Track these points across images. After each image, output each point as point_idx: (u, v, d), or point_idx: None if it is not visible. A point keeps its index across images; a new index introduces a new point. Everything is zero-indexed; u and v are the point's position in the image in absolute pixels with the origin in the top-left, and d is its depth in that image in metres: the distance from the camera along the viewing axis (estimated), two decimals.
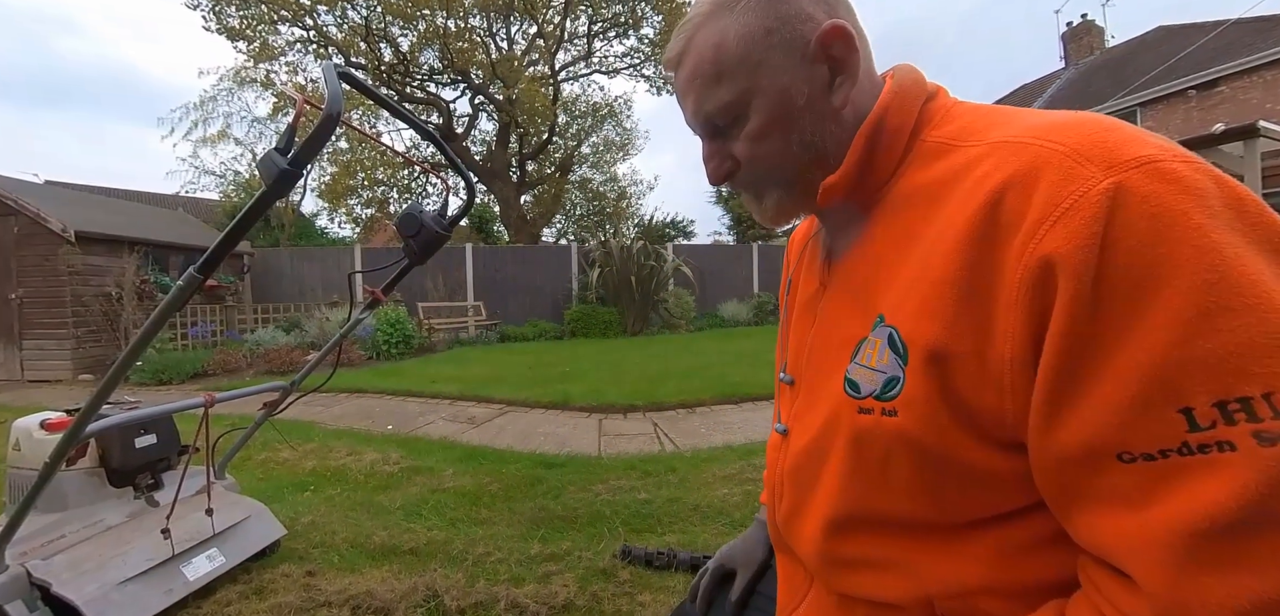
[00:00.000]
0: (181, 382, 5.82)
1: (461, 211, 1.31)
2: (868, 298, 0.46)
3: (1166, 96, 10.31)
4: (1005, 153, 0.38)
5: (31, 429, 1.47)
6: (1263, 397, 0.30)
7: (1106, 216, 0.32)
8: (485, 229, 15.10)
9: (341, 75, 0.84)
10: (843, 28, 0.45)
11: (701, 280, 10.19)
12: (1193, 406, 0.31)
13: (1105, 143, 0.34)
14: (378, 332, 7.07)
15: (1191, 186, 0.32)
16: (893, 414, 0.42)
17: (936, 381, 0.39)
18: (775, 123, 0.47)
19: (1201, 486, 0.31)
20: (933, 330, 0.39)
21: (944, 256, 0.39)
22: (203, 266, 0.88)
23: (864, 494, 0.46)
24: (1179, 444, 0.31)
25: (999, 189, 0.37)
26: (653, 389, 4.48)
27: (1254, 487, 0.29)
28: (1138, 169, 0.32)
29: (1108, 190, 0.32)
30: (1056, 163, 0.35)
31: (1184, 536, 0.31)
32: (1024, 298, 0.35)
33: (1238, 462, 0.30)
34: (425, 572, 1.69)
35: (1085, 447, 0.34)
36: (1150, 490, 0.32)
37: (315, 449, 3.08)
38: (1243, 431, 0.30)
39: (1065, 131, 0.36)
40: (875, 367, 0.44)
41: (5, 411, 4.49)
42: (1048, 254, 0.33)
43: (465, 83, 12.53)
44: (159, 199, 14.00)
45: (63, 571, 1.27)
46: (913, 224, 0.44)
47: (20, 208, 6.48)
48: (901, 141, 0.47)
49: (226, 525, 1.61)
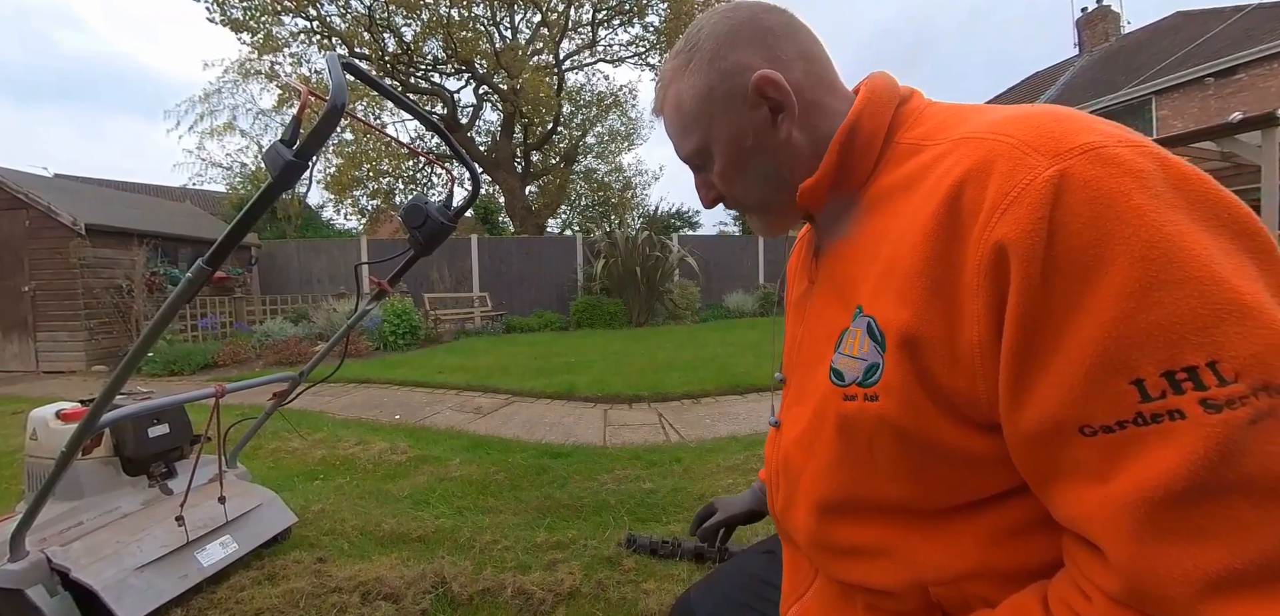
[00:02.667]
0: (192, 373, 5.89)
1: (466, 202, 1.31)
2: (849, 290, 0.49)
3: (1183, 84, 10.06)
4: (964, 149, 0.41)
5: (48, 419, 1.50)
6: (1207, 366, 0.31)
7: (1052, 201, 0.34)
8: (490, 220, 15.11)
9: (346, 66, 0.84)
10: (770, 76, 0.50)
11: (706, 271, 10.17)
12: (1143, 378, 0.32)
13: (1051, 133, 0.36)
14: (384, 324, 7.12)
15: (1132, 169, 0.33)
16: (874, 399, 0.44)
17: (912, 366, 0.41)
18: (734, 162, 0.54)
19: (1156, 455, 0.32)
20: (905, 317, 0.41)
21: (912, 248, 0.41)
22: (211, 258, 0.89)
23: (853, 478, 0.48)
24: (1133, 415, 0.33)
25: (958, 182, 0.39)
26: (658, 379, 4.50)
27: (1202, 454, 0.31)
28: (1081, 155, 0.34)
29: (1052, 177, 0.34)
30: (1007, 154, 0.37)
31: (1143, 505, 0.32)
32: (983, 283, 0.37)
33: (1186, 430, 0.31)
34: (433, 560, 1.71)
35: (1049, 424, 0.36)
36: (1112, 461, 0.34)
37: (324, 438, 3.12)
38: (1190, 399, 0.31)
39: (1017, 125, 0.39)
40: (856, 356, 0.46)
41: (21, 402, 4.57)
42: (1000, 240, 0.36)
43: (469, 73, 12.49)
44: (166, 191, 14.11)
45: (81, 557, 1.30)
46: (887, 219, 0.46)
47: (31, 201, 6.56)
48: (876, 145, 0.50)
49: (239, 513, 1.64)
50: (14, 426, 3.62)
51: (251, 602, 1.48)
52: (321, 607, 1.47)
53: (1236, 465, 0.30)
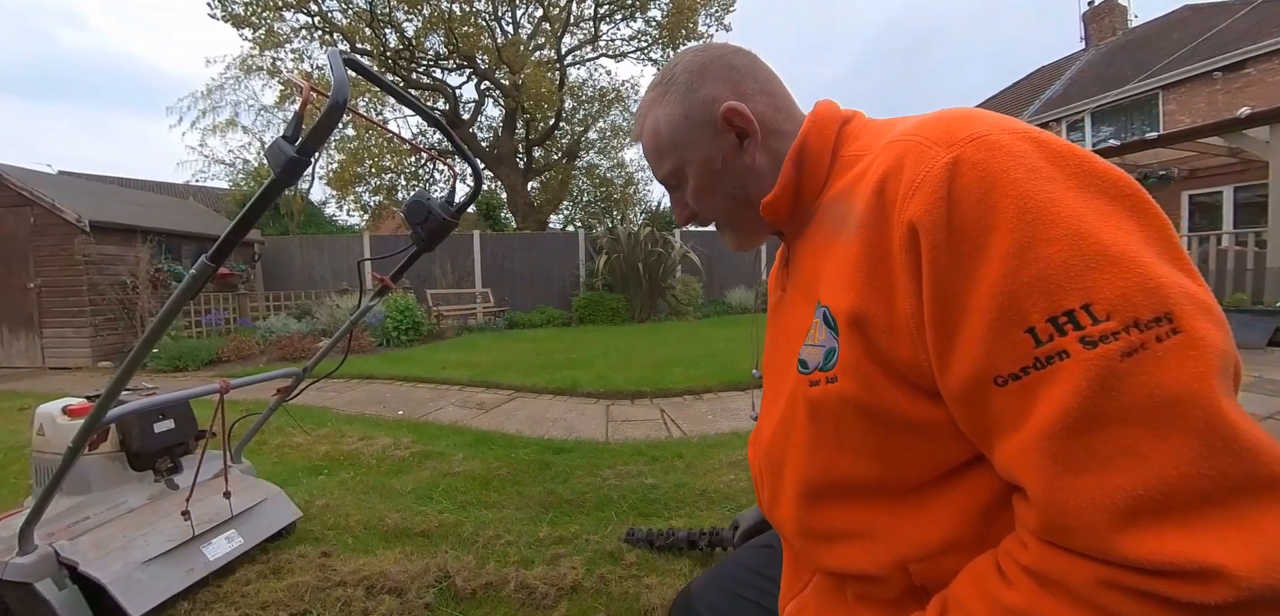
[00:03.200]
0: (197, 369, 5.92)
1: (468, 198, 1.31)
2: (812, 289, 0.54)
3: (1190, 79, 9.94)
4: (887, 151, 0.46)
5: (54, 414, 1.51)
6: (1082, 308, 0.35)
7: (948, 183, 0.40)
8: (492, 216, 15.10)
9: (347, 62, 0.84)
10: (736, 107, 0.57)
11: (709, 267, 10.16)
12: (1034, 325, 0.36)
13: (950, 128, 0.42)
14: (387, 320, 7.14)
15: (1011, 150, 0.39)
16: (834, 380, 0.48)
17: (862, 344, 0.46)
18: (705, 184, 0.61)
19: (1051, 393, 0.36)
20: (850, 300, 0.46)
21: (850, 239, 0.47)
22: (215, 254, 0.90)
23: (827, 462, 0.52)
24: (1032, 360, 0.37)
25: (881, 177, 0.45)
26: (660, 375, 4.50)
27: (1086, 386, 0.34)
28: (969, 143, 0.40)
29: (947, 164, 0.40)
30: (914, 149, 0.43)
31: (1048, 440, 0.36)
32: (903, 259, 0.42)
33: (1071, 367, 0.35)
34: (437, 554, 1.72)
35: (970, 381, 0.40)
36: (1023, 407, 0.37)
37: (328, 434, 3.14)
38: (1072, 339, 0.35)
39: (924, 126, 0.45)
40: (817, 344, 0.51)
41: (28, 397, 4.61)
42: (911, 219, 0.41)
43: (471, 68, 12.47)
44: (169, 188, 14.15)
45: (89, 551, 1.31)
46: (838, 221, 0.51)
47: (35, 198, 6.58)
48: (825, 160, 0.56)
49: (244, 507, 1.65)
50: (21, 422, 3.65)
51: (257, 596, 1.49)
52: (326, 601, 1.48)
53: (1118, 394, 0.34)
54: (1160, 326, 0.34)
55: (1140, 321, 0.34)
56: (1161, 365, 0.33)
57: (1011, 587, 0.40)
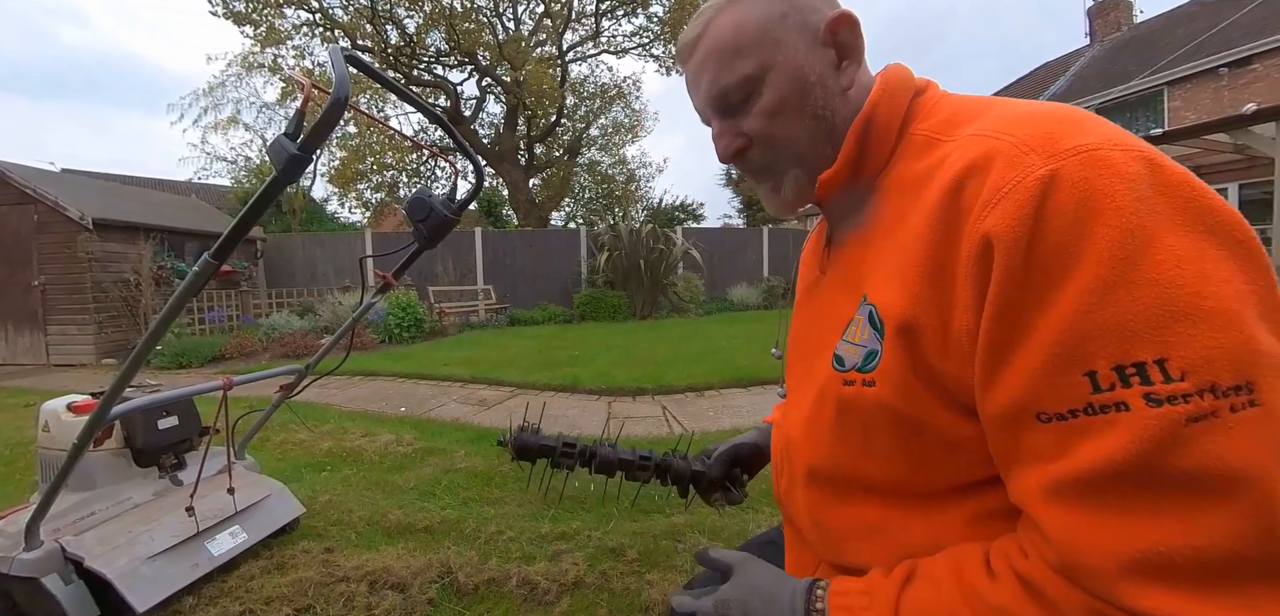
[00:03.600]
0: (200, 366, 5.95)
1: (470, 195, 1.31)
2: (857, 280, 0.51)
3: (1196, 75, 9.87)
4: (970, 145, 0.42)
5: (59, 411, 1.52)
6: (1155, 363, 0.32)
7: (1040, 199, 0.35)
8: (494, 213, 15.11)
9: (348, 59, 0.84)
10: (849, 15, 0.50)
11: (710, 264, 10.15)
12: (1096, 370, 0.34)
13: (1052, 134, 0.38)
14: (389, 317, 7.15)
15: (1122, 172, 0.34)
16: (872, 384, 0.46)
17: (908, 353, 0.43)
18: (789, 97, 0.51)
19: (1099, 443, 0.34)
20: (903, 305, 0.43)
21: (915, 238, 0.43)
22: (217, 252, 0.90)
23: (847, 457, 0.50)
24: (1084, 404, 0.34)
25: (960, 176, 0.40)
26: (661, 372, 4.50)
27: (1140, 444, 0.32)
28: (1073, 157, 0.36)
29: (1043, 177, 0.36)
30: (1006, 152, 0.38)
31: (1079, 483, 0.35)
32: (971, 272, 0.38)
33: (1129, 421, 0.33)
34: (439, 550, 1.73)
35: (1012, 408, 0.38)
36: (1060, 446, 0.36)
37: (331, 430, 3.15)
38: (1135, 393, 0.33)
39: (1021, 124, 0.40)
40: (858, 343, 0.48)
41: (33, 394, 4.63)
42: (987, 232, 0.37)
43: (472, 65, 12.45)
44: (171, 186, 14.19)
45: (94, 546, 1.32)
46: (899, 211, 0.47)
47: (39, 196, 6.60)
48: (891, 135, 0.50)
49: (247, 503, 1.66)
50: (26, 418, 3.67)
51: (261, 591, 1.50)
52: (329, 596, 1.49)
53: (1173, 457, 0.32)
54: (1238, 396, 0.31)
55: (1218, 388, 0.31)
56: (1229, 437, 0.31)
57: (997, 585, 0.39)
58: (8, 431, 3.45)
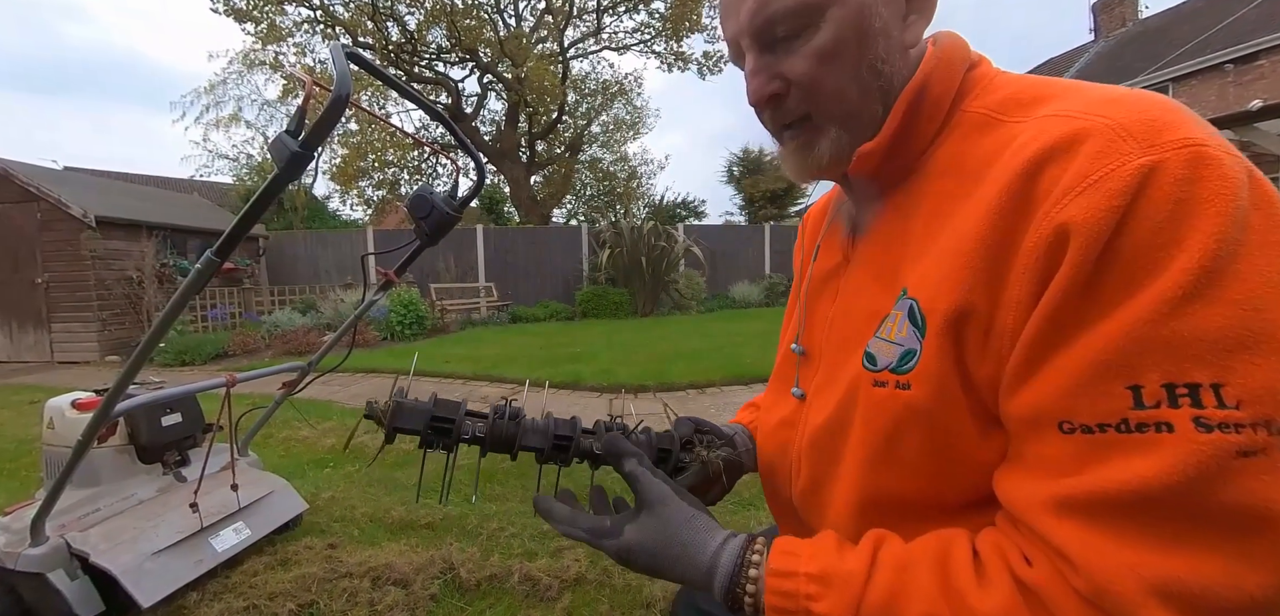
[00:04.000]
0: (203, 363, 5.97)
1: (472, 192, 1.31)
2: (894, 272, 0.45)
3: (1201, 71, 9.80)
4: (1051, 126, 0.36)
5: (64, 408, 1.52)
6: (1211, 386, 0.30)
7: (1134, 192, 0.31)
8: (495, 210, 15.11)
9: (350, 56, 0.84)
10: None
11: (712, 261, 10.14)
12: (1142, 384, 0.31)
13: (1154, 122, 0.33)
14: (391, 314, 7.17)
15: (1228, 176, 0.31)
16: (906, 387, 0.42)
17: (951, 354, 0.39)
18: (848, 41, 0.42)
19: (1133, 462, 0.31)
20: (950, 301, 0.38)
21: (972, 226, 0.38)
22: (220, 249, 0.90)
23: (886, 479, 0.45)
24: (1119, 420, 0.31)
25: (1038, 157, 0.35)
26: (663, 369, 4.50)
27: (1181, 470, 0.30)
28: (1178, 150, 0.31)
29: (1141, 167, 0.32)
30: (1101, 134, 0.34)
31: (1100, 503, 0.32)
32: (1033, 265, 0.34)
33: (1172, 444, 0.30)
34: (442, 546, 1.73)
35: (1032, 410, 0.35)
36: (1081, 462, 0.33)
37: (334, 427, 3.16)
38: (1184, 414, 0.30)
39: (1116, 106, 0.35)
40: (894, 341, 0.43)
41: (38, 391, 4.66)
42: (1064, 222, 0.33)
43: (473, 62, 12.43)
44: (173, 183, 14.22)
45: (100, 542, 1.33)
46: (948, 198, 0.42)
47: (42, 194, 6.62)
48: (942, 111, 0.45)
49: (251, 500, 1.67)
50: (31, 415, 3.69)
51: (265, 587, 1.51)
52: (333, 592, 1.50)
53: (1218, 490, 0.29)
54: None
55: (1274, 425, 0.29)
56: (1278, 479, 0.29)
57: (989, 592, 0.36)
58: (13, 428, 3.47)
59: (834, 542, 0.42)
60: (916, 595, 0.37)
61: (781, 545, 0.43)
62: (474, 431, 0.55)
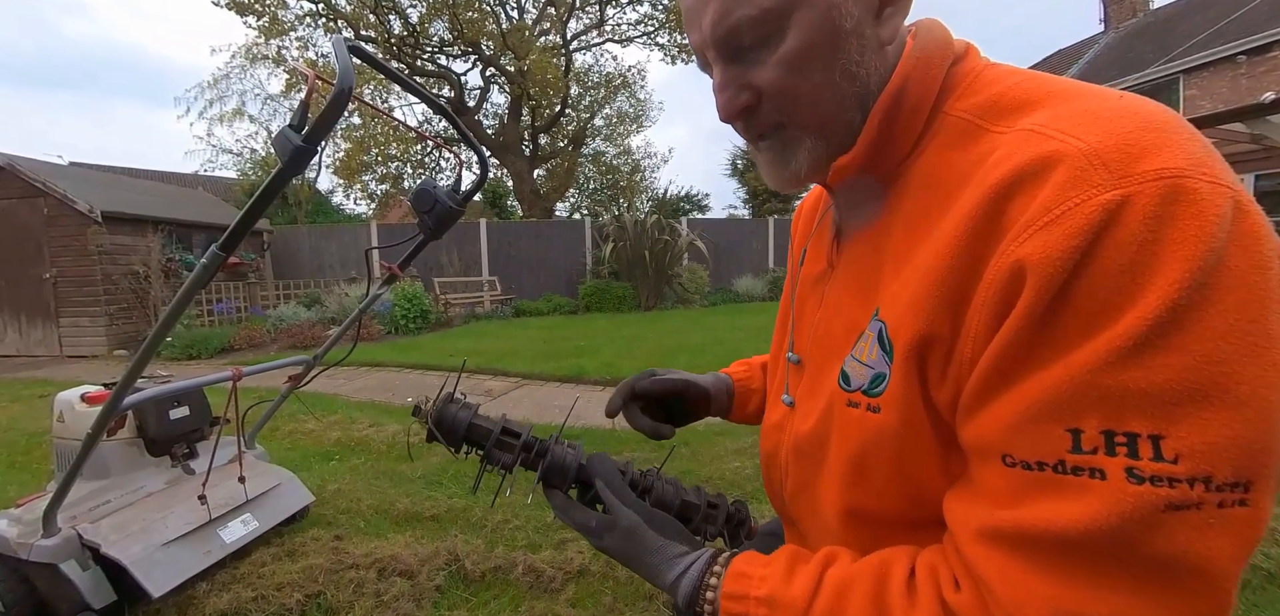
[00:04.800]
0: (210, 357, 6.02)
1: (475, 186, 1.31)
2: (871, 287, 0.45)
3: (1213, 62, 9.62)
4: (1025, 145, 0.34)
5: (73, 402, 1.54)
6: (1149, 438, 0.29)
7: (1097, 230, 0.29)
8: (499, 204, 15.11)
9: (352, 49, 0.84)
10: None
11: (716, 255, 10.12)
12: (1083, 429, 0.30)
13: (1131, 148, 0.30)
14: (396, 308, 7.20)
15: (1204, 212, 0.28)
16: (877, 410, 0.42)
17: (916, 380, 0.39)
18: (818, 45, 0.40)
19: (1062, 505, 0.31)
20: (914, 327, 0.38)
21: (940, 251, 0.36)
22: (225, 244, 0.91)
23: (856, 492, 0.46)
24: (1056, 461, 0.31)
25: (1007, 182, 0.33)
26: (666, 363, 4.51)
27: (1106, 518, 0.30)
28: (1153, 182, 0.29)
29: (1108, 203, 0.29)
30: (1071, 161, 0.31)
31: (1027, 538, 0.32)
32: (993, 299, 0.33)
33: (1102, 491, 0.30)
34: (446, 538, 1.75)
35: (981, 441, 0.35)
36: (1018, 496, 0.33)
37: (339, 420, 3.18)
38: (1118, 463, 0.29)
39: (1097, 125, 0.32)
40: (866, 362, 0.43)
41: (48, 385, 4.71)
42: (1022, 258, 0.31)
43: (476, 54, 12.39)
44: (178, 178, 14.27)
45: (110, 533, 1.35)
46: (925, 214, 0.40)
47: (48, 189, 6.66)
48: (922, 115, 0.42)
49: (258, 492, 1.69)
50: (42, 409, 3.73)
51: (273, 577, 1.53)
52: (339, 583, 1.51)
53: (1141, 539, 0.29)
54: (1232, 493, 0.28)
55: (1212, 481, 0.28)
56: (1207, 533, 0.29)
57: (914, 612, 0.37)
58: (24, 421, 3.51)
59: (784, 566, 0.44)
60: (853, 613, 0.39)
61: (736, 568, 0.46)
62: (501, 462, 0.63)
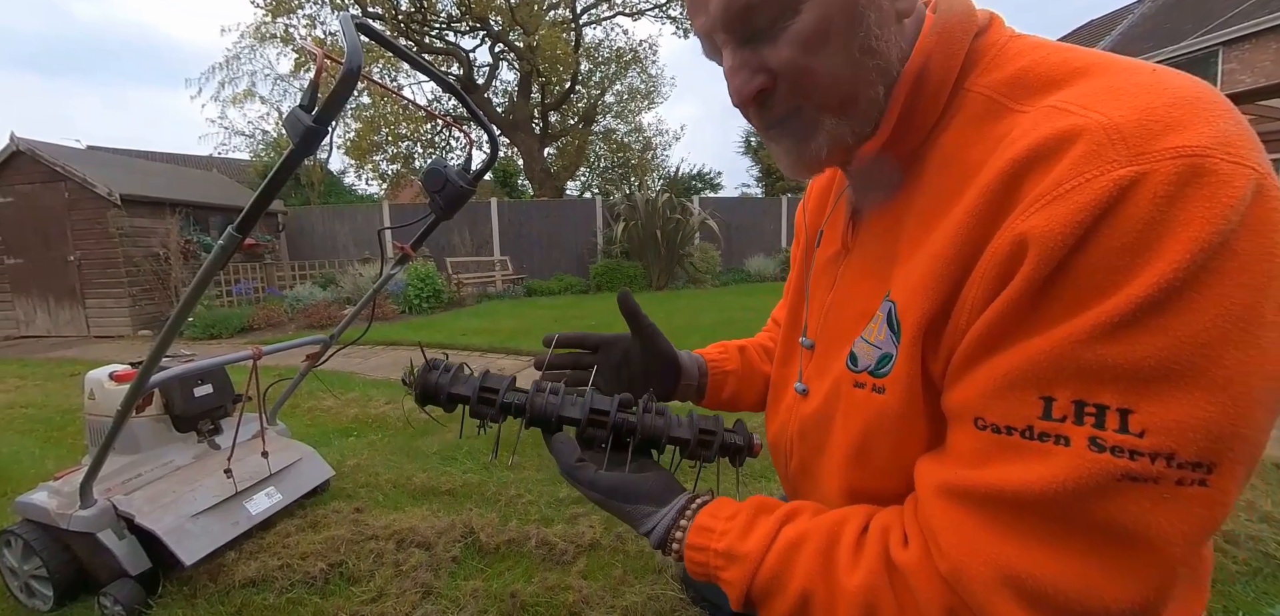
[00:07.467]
0: (230, 337, 6.16)
1: (485, 165, 1.31)
2: (885, 268, 0.44)
3: (1255, 34, 9.12)
4: (1047, 121, 0.33)
5: (103, 380, 1.59)
6: (1117, 410, 0.29)
7: (1107, 206, 0.28)
8: (510, 183, 15.06)
9: (360, 27, 0.83)
10: None
11: (728, 234, 10.02)
12: (1055, 397, 0.31)
13: (1154, 124, 0.29)
14: (409, 288, 7.27)
15: (1218, 193, 0.27)
16: (881, 391, 0.42)
17: (919, 359, 0.39)
18: (835, 19, 0.37)
19: (1024, 468, 0.32)
20: (922, 308, 0.38)
21: (956, 229, 0.35)
22: (241, 225, 0.92)
23: (857, 473, 0.47)
24: (1024, 426, 0.32)
25: (1023, 159, 0.32)
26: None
27: (1061, 482, 0.30)
28: (1169, 160, 0.28)
29: (1120, 180, 0.28)
30: (1090, 136, 0.30)
31: (986, 497, 0.33)
32: (992, 272, 0.33)
33: (1063, 456, 0.30)
34: (462, 512, 1.80)
35: (958, 405, 0.36)
36: (982, 457, 0.34)
37: (357, 398, 3.25)
38: (1083, 432, 0.30)
39: (1123, 101, 0.31)
40: (874, 343, 0.44)
41: (78, 364, 4.87)
42: (1025, 232, 0.31)
43: (484, 30, 12.23)
44: (192, 160, 14.44)
45: (144, 505, 1.41)
46: (943, 197, 0.39)
47: (68, 173, 6.78)
48: (942, 97, 0.40)
49: (281, 466, 1.74)
50: (73, 386, 3.87)
51: (297, 547, 1.59)
52: (360, 553, 1.57)
53: (1096, 506, 0.30)
54: (1192, 472, 0.28)
55: (1175, 458, 0.28)
56: (1161, 507, 0.29)
57: (858, 565, 0.38)
58: (58, 398, 3.65)
59: (745, 519, 0.46)
60: (799, 573, 0.41)
61: (700, 521, 0.48)
62: (489, 415, 0.66)
